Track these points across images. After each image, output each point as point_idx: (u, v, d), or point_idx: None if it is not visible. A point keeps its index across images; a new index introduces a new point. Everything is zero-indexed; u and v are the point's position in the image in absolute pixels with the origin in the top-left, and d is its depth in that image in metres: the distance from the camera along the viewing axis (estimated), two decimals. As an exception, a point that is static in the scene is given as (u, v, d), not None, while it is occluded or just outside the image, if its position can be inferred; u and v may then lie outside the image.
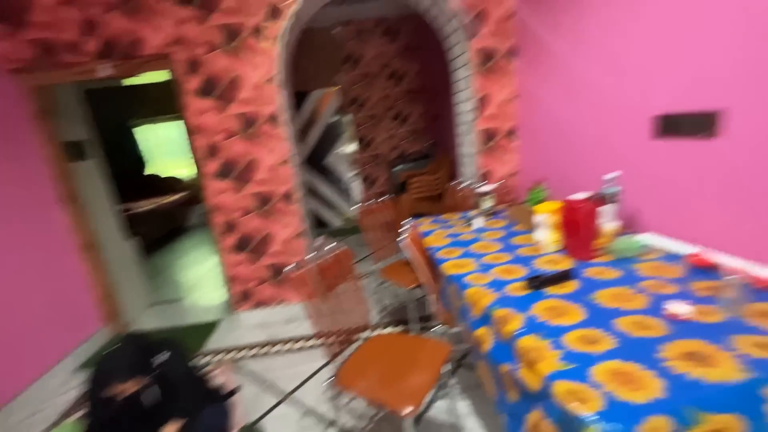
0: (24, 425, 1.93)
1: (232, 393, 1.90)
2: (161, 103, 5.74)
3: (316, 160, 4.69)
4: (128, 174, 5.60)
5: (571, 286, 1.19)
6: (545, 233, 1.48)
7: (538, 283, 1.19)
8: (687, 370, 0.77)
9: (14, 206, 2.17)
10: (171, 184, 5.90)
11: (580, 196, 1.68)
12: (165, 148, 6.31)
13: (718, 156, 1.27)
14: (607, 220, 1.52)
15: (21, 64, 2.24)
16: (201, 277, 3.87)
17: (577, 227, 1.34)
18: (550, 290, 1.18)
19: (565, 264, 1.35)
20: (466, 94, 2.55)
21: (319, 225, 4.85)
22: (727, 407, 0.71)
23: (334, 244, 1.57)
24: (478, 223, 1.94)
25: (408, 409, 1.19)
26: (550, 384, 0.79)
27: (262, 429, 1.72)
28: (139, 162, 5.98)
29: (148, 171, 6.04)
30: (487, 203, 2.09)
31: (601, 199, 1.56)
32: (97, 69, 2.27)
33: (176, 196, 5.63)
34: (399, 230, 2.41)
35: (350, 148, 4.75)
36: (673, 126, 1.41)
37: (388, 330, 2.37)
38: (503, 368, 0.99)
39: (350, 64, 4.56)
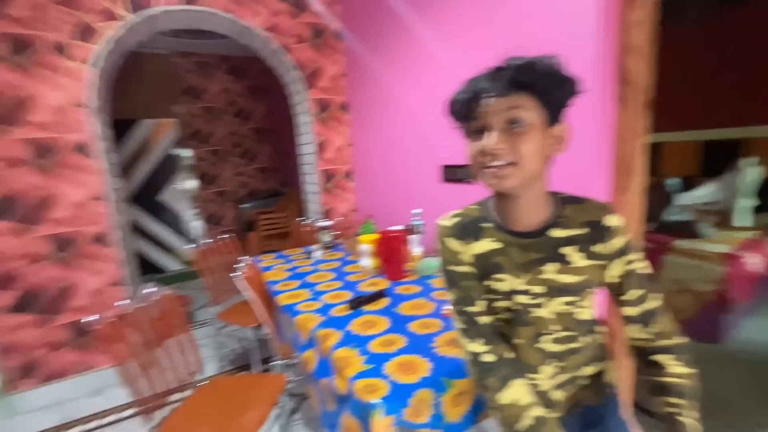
0: None
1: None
2: None
3: (146, 197, 4.12)
4: None
5: (384, 302, 1.43)
6: (368, 260, 1.73)
7: (357, 303, 1.38)
8: (447, 352, 1.05)
9: None
10: None
11: (396, 227, 2.04)
12: None
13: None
14: (415, 247, 1.88)
15: None
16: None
17: (390, 254, 1.63)
18: (368, 308, 1.38)
19: (382, 285, 1.61)
20: (307, 138, 2.78)
21: (152, 270, 4.17)
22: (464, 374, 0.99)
23: (158, 290, 1.44)
24: (317, 255, 2.08)
25: (237, 450, 1.16)
26: (353, 383, 0.94)
27: None
28: None
29: None
30: (327, 237, 2.27)
31: (410, 230, 1.93)
32: None
33: None
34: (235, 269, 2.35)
35: (191, 184, 4.36)
36: (452, 173, 1.91)
37: (230, 377, 2.20)
38: (323, 382, 1.10)
39: (191, 97, 4.31)
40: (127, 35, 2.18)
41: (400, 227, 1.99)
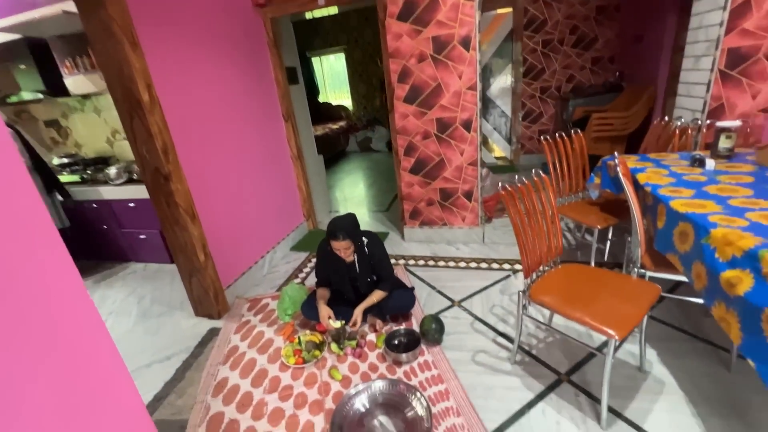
0: (267, 278, 2.73)
1: (411, 289, 2.23)
2: (330, 36, 6.22)
3: (477, 92, 4.52)
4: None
5: None
6: (840, 179, 1.16)
7: (832, 233, 0.98)
8: None
9: (259, 116, 2.80)
10: (339, 112, 6.61)
11: None
12: (331, 80, 6.98)
13: None
14: None
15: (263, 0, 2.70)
16: (363, 195, 4.42)
17: None
18: None
19: None
20: (713, 2, 2.00)
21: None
22: None
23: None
24: (711, 164, 1.63)
25: (613, 333, 1.22)
26: None
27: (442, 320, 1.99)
28: (314, 89, 6.81)
29: (321, 99, 6.85)
30: (726, 143, 1.72)
31: None
32: (317, 1, 2.58)
33: (342, 123, 6.32)
34: (585, 168, 2.23)
35: (513, 79, 4.37)
36: None
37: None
38: (771, 312, 0.90)
39: (533, -22, 4.00)
40: None
41: None
